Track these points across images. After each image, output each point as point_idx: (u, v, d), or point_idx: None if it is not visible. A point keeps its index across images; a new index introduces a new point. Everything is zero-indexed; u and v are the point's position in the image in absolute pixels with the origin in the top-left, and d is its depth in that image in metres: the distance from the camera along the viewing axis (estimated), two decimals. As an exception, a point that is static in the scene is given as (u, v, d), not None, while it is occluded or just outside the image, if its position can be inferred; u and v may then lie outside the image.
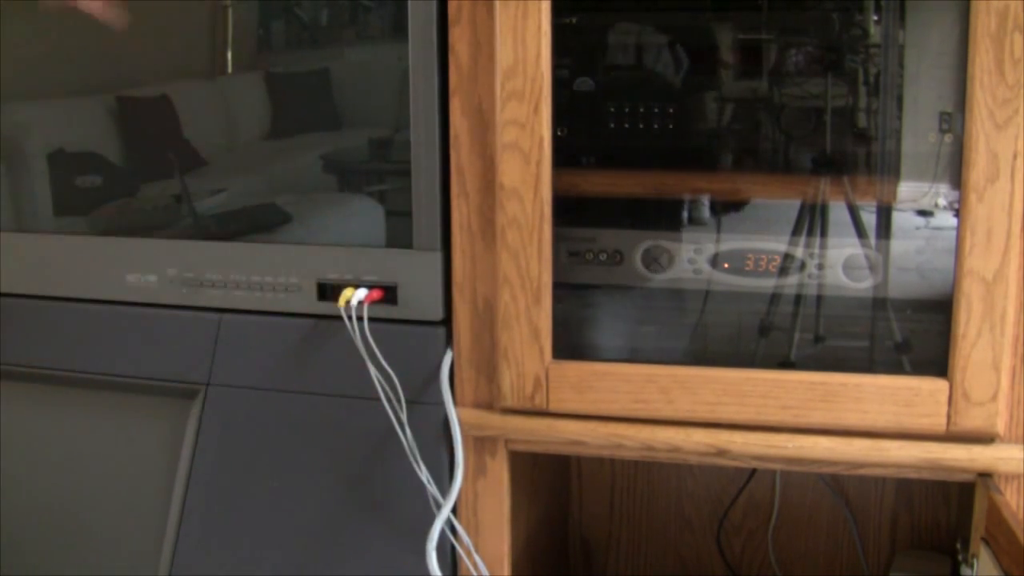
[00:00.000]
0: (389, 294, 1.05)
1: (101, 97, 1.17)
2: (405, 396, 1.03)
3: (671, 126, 0.98)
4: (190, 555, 1.14)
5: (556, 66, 0.96)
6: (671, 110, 0.97)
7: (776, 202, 1.00)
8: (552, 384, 0.99)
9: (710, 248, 1.00)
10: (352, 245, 1.06)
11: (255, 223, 1.13)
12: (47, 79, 1.19)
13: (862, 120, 0.95)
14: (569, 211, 1.01)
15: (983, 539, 0.90)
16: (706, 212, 1.02)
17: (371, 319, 1.02)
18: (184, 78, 1.15)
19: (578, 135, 0.99)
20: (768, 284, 0.99)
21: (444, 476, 1.05)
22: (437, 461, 1.05)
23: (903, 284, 0.96)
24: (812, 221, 0.98)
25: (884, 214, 0.97)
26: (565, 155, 0.99)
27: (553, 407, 1.00)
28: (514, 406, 1.01)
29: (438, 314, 1.05)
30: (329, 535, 1.10)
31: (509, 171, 0.97)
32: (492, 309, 1.01)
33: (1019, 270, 0.89)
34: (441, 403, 1.03)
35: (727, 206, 1.01)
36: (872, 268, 0.97)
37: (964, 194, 0.88)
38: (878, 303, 0.98)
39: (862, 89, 0.94)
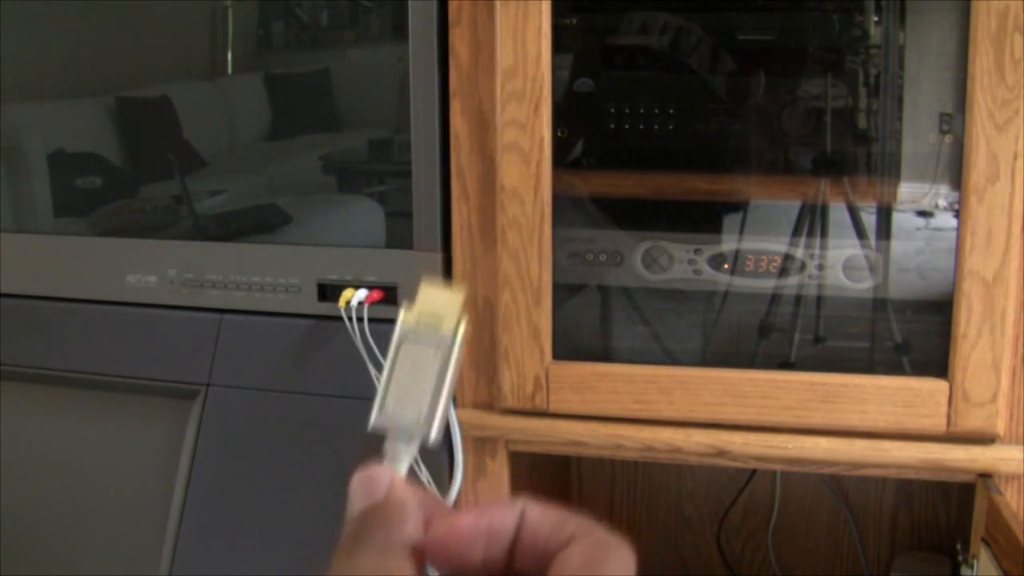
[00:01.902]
0: (389, 295, 1.05)
1: (101, 97, 1.17)
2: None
3: (671, 127, 0.98)
4: (190, 555, 1.14)
5: (556, 67, 0.96)
6: (671, 111, 0.97)
7: (776, 203, 1.00)
8: (552, 385, 0.99)
9: (710, 249, 1.00)
10: (352, 246, 1.06)
11: (255, 224, 1.13)
12: (47, 79, 1.19)
13: (862, 121, 0.95)
14: (569, 212, 1.01)
15: (983, 539, 0.90)
16: (706, 213, 1.02)
17: (371, 320, 1.02)
18: (184, 78, 1.15)
19: (578, 136, 0.99)
20: (768, 285, 0.99)
21: (444, 477, 1.05)
22: (437, 462, 1.05)
23: (903, 285, 0.96)
24: (812, 222, 0.98)
25: (884, 215, 0.97)
26: (565, 156, 0.99)
27: (553, 408, 1.00)
28: (514, 407, 1.01)
29: (438, 315, 1.04)
30: (329, 535, 1.10)
31: (509, 172, 0.97)
32: (492, 310, 1.01)
33: (1019, 271, 0.89)
34: (441, 404, 1.03)
35: (727, 207, 1.01)
36: (872, 269, 0.97)
37: (964, 195, 0.88)
38: (878, 304, 0.98)
39: (862, 90, 0.94)
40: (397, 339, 0.42)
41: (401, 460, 0.42)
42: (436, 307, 0.42)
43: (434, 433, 0.42)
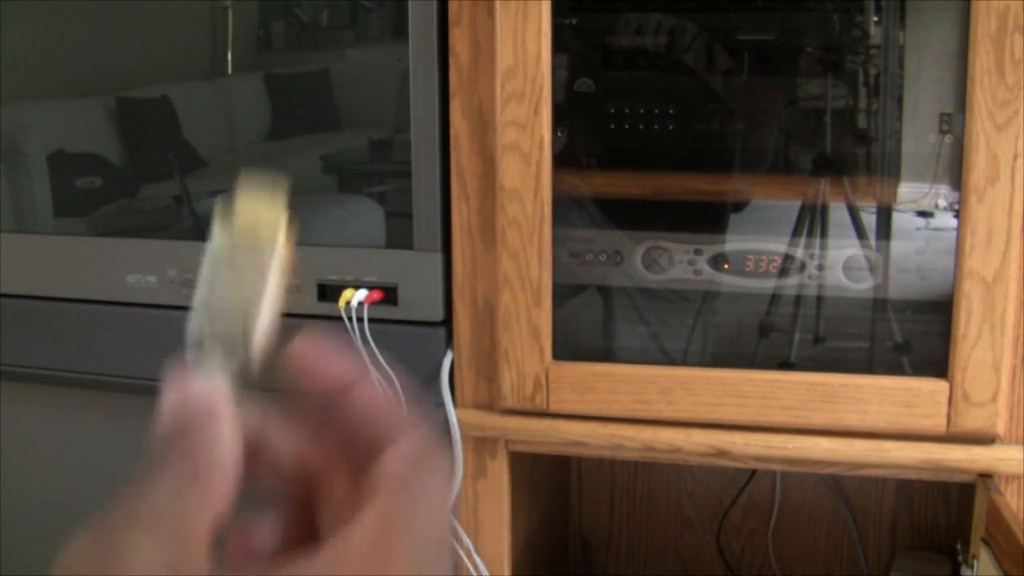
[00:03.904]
0: (389, 295, 1.05)
1: (101, 97, 1.17)
2: (405, 397, 1.03)
3: (671, 127, 0.98)
4: (190, 555, 1.14)
5: (556, 67, 0.96)
6: (671, 111, 0.97)
7: (776, 203, 1.00)
8: (552, 385, 0.99)
9: (710, 249, 1.01)
10: (352, 246, 1.06)
11: (255, 224, 1.13)
12: (47, 79, 1.19)
13: (862, 121, 0.95)
14: (569, 212, 1.01)
15: (983, 540, 0.90)
16: (706, 213, 1.02)
17: (371, 320, 1.02)
18: (184, 78, 1.15)
19: (578, 136, 0.99)
20: (768, 285, 0.99)
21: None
22: (437, 462, 1.05)
23: (903, 285, 0.96)
24: (812, 222, 0.98)
25: (884, 215, 0.97)
26: (565, 156, 0.99)
27: (553, 408, 1.00)
28: (514, 407, 1.01)
29: (438, 315, 1.05)
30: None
31: (509, 172, 0.97)
32: (492, 310, 1.01)
33: (1019, 271, 0.89)
34: (441, 404, 1.03)
35: (727, 207, 1.01)
36: (872, 269, 0.97)
37: (964, 195, 0.88)
38: (878, 304, 0.98)
39: (862, 90, 0.94)
40: (214, 249, 0.39)
41: (221, 373, 0.39)
42: (256, 217, 0.39)
43: (255, 345, 0.40)
